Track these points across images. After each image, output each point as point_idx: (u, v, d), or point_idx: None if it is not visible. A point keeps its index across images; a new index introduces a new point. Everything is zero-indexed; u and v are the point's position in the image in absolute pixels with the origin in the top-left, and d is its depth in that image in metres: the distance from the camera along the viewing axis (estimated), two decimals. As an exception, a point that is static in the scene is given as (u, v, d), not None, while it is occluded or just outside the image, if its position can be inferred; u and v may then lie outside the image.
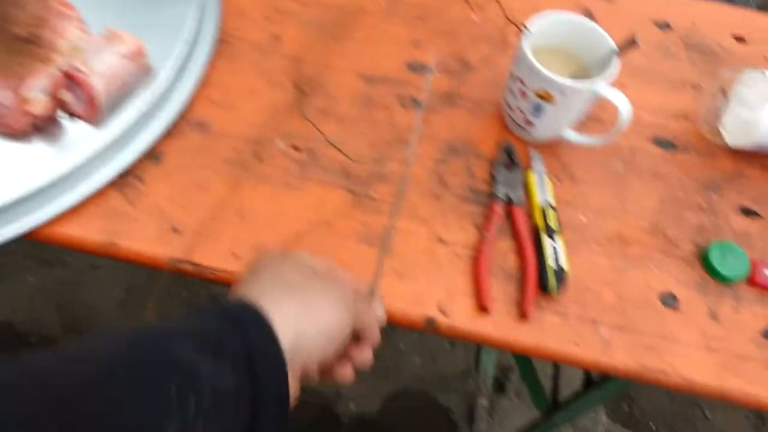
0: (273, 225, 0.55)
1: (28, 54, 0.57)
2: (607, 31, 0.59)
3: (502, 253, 0.56)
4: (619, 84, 0.68)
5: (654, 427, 1.29)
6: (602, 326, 0.53)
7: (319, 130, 0.61)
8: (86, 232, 0.53)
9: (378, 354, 0.45)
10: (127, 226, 0.54)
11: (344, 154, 0.60)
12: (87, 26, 0.61)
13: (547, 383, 1.26)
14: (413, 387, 1.27)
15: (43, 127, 0.56)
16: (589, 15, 0.75)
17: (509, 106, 0.61)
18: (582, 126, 0.65)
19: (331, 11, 0.71)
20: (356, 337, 0.44)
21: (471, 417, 1.24)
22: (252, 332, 0.36)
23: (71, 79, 0.55)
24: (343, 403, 1.22)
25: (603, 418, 1.27)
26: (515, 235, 0.57)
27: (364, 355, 0.45)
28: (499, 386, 1.28)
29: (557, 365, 1.14)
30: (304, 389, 0.41)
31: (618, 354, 0.52)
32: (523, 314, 0.52)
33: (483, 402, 1.25)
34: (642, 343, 0.53)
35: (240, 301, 0.38)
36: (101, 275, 1.32)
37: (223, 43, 0.67)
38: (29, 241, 0.53)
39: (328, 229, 0.56)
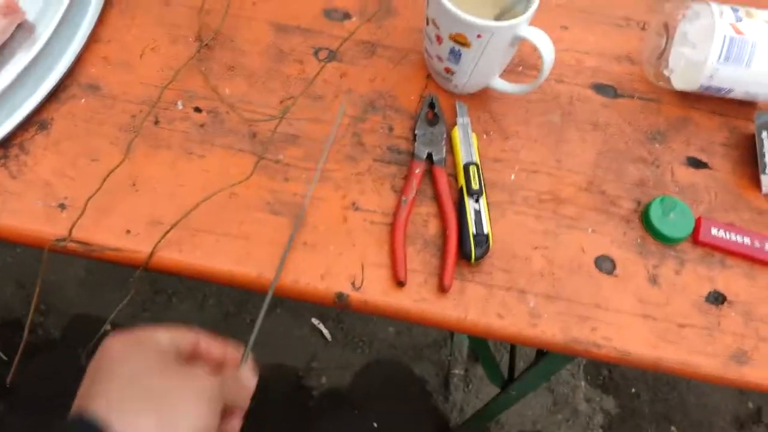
0: (171, 197, 0.50)
1: None
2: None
3: (422, 218, 0.52)
4: (559, 26, 0.62)
5: (635, 392, 1.27)
6: (530, 296, 0.49)
7: (217, 91, 0.55)
8: (-42, 210, 0.48)
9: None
10: (9, 202, 0.49)
11: (242, 116, 0.54)
12: (-42, -21, 0.55)
13: (506, 356, 1.24)
14: (386, 357, 1.23)
15: None
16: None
17: (428, 54, 0.56)
18: (513, 73, 0.59)
19: (243, -46, 0.64)
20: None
21: (446, 387, 1.22)
22: None
23: (-67, 41, 0.49)
24: (315, 377, 1.19)
25: (582, 384, 1.25)
26: (437, 199, 0.52)
27: (233, 427, 0.41)
28: (475, 355, 1.25)
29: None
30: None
31: (546, 326, 0.48)
32: (442, 286, 0.48)
33: (458, 371, 1.23)
34: (574, 313, 0.49)
35: (86, 422, 0.33)
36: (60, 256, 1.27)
37: (114, -4, 0.60)
38: None
39: (232, 199, 0.51)
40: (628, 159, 0.56)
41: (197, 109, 0.55)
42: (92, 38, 0.57)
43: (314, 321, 1.21)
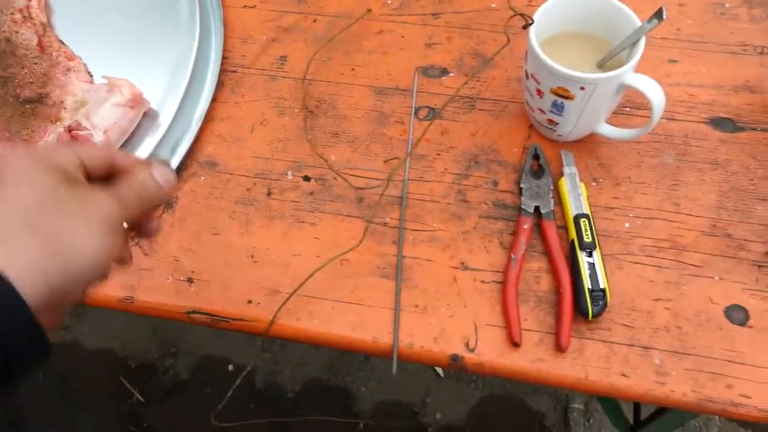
0: (286, 266, 0.53)
1: (36, 115, 0.57)
2: None
3: (533, 275, 0.51)
4: (666, 60, 0.60)
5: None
6: (655, 352, 0.47)
7: (324, 158, 0.57)
8: (105, 288, 0.53)
9: None
10: (144, 279, 0.53)
11: (349, 183, 0.56)
12: (91, 76, 0.61)
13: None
14: (501, 392, 1.21)
15: (55, 188, 0.56)
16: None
17: (530, 107, 0.55)
18: (621, 115, 0.57)
19: (339, 21, 0.66)
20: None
21: (566, 422, 1.17)
22: None
23: (74, 138, 0.55)
24: (430, 413, 1.19)
25: (716, 418, 1.17)
26: (547, 254, 0.51)
27: (150, 228, 0.41)
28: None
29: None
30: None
31: (675, 384, 0.46)
32: (560, 346, 0.47)
33: (577, 405, 1.18)
34: (705, 369, 0.46)
35: None
36: None
37: (228, 74, 0.64)
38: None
39: (343, 265, 0.52)
40: (755, 197, 0.52)
41: (306, 178, 0.57)
42: (207, 118, 0.61)
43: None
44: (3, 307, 0.30)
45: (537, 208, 0.53)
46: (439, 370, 1.21)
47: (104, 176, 0.38)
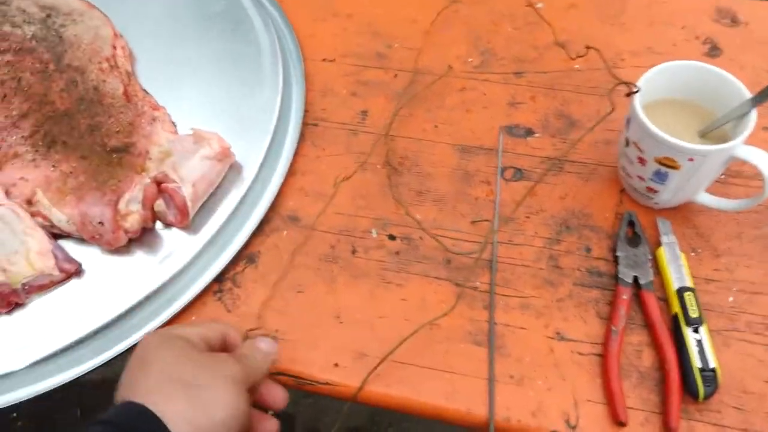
0: (372, 328, 0.51)
1: (123, 165, 0.57)
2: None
3: (634, 349, 0.49)
4: (761, 128, 0.59)
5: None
6: (770, 438, 0.44)
7: (412, 216, 0.56)
8: (185, 346, 0.52)
9: None
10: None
11: (441, 244, 0.55)
12: (175, 126, 0.61)
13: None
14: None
15: (141, 237, 0.55)
16: (714, 46, 0.65)
17: (626, 173, 0.54)
18: (717, 183, 0.56)
19: (420, 77, 0.66)
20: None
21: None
22: None
23: (163, 190, 0.55)
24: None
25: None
26: (649, 327, 0.49)
27: (277, 397, 0.46)
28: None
29: None
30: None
31: (794, 474, 0.43)
32: (668, 428, 0.44)
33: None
34: (824, 457, 0.44)
35: (130, 407, 0.37)
36: None
37: (309, 127, 0.64)
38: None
39: (433, 330, 0.51)
40: None
41: (391, 237, 0.56)
42: (290, 171, 0.61)
43: None
44: None
45: (635, 279, 0.51)
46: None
47: (219, 350, 0.45)
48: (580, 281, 0.52)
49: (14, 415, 1.29)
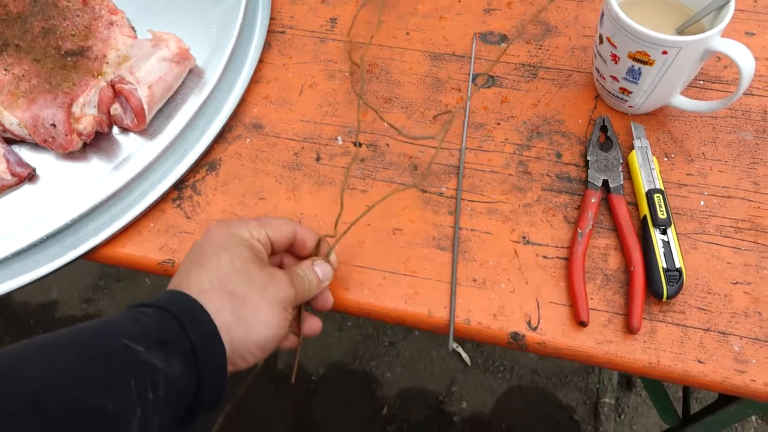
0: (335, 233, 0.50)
1: (78, 68, 0.55)
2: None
3: (600, 252, 0.48)
4: (744, 33, 0.56)
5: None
6: (733, 338, 0.44)
7: (383, 119, 0.54)
8: (144, 251, 0.50)
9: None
10: (185, 242, 0.51)
11: (402, 151, 0.53)
12: (134, 31, 0.59)
13: (677, 391, 1.13)
14: (529, 384, 1.18)
15: (97, 143, 0.53)
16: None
17: (600, 74, 0.52)
18: (694, 88, 0.54)
19: (393, -17, 0.63)
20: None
21: (596, 416, 1.14)
22: (196, 330, 0.37)
23: (118, 92, 0.52)
24: (455, 402, 1.16)
25: (753, 418, 1.13)
26: (617, 230, 0.48)
27: (313, 325, 0.46)
28: (627, 382, 1.16)
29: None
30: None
31: (756, 373, 0.42)
32: (630, 327, 0.44)
33: (608, 400, 1.15)
34: (787, 357, 0.43)
35: (185, 299, 0.38)
36: None
37: (275, 34, 0.61)
38: (90, 264, 0.51)
39: (396, 235, 0.49)
40: (841, 178, 0.49)
41: (357, 144, 0.54)
42: (254, 79, 0.58)
43: (453, 344, 1.19)
44: (209, 348, 0.37)
45: (605, 182, 0.49)
46: (466, 358, 1.18)
47: (284, 251, 0.45)
48: (549, 186, 0.51)
49: None
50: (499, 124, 0.54)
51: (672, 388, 1.13)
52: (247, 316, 0.38)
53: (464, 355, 1.18)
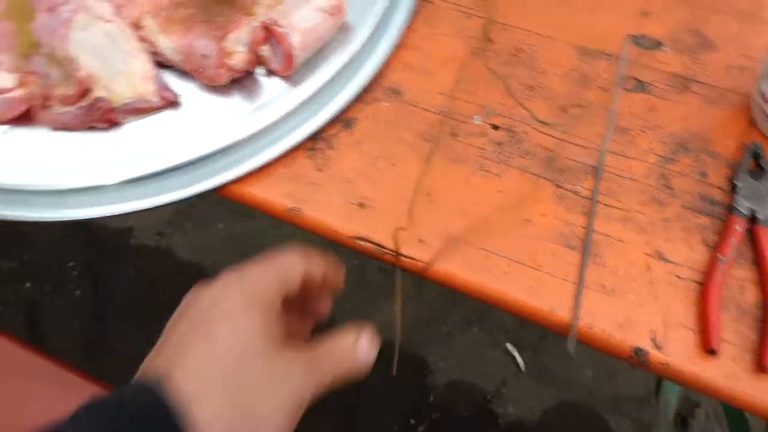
0: (464, 212, 0.49)
1: (232, 4, 0.55)
2: None
3: (738, 283, 0.46)
4: None
5: None
6: None
7: (525, 107, 0.53)
8: (273, 195, 0.51)
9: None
10: (314, 193, 0.51)
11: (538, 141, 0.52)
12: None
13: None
14: (581, 401, 1.15)
15: (241, 81, 0.54)
16: None
17: (765, 99, 0.49)
18: None
19: (550, -29, 0.62)
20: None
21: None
22: None
23: (270, 34, 0.53)
24: (503, 404, 1.15)
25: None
26: (759, 263, 0.46)
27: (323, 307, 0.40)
28: (682, 422, 1.13)
29: None
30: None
31: None
32: (761, 366, 0.42)
33: (658, 436, 1.12)
34: None
35: (154, 396, 0.29)
36: (283, 232, 1.33)
37: (423, 2, 0.61)
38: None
39: (525, 225, 0.49)
40: None
41: (494, 126, 0.53)
42: (398, 44, 0.58)
43: (509, 346, 1.18)
44: None
45: (752, 212, 0.47)
46: (521, 362, 1.17)
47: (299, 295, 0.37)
48: (690, 205, 0.49)
49: (71, 264, 1.34)
50: (644, 131, 0.52)
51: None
52: (251, 419, 0.31)
53: (519, 358, 1.17)
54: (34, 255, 1.36)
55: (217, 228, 1.35)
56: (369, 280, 1.30)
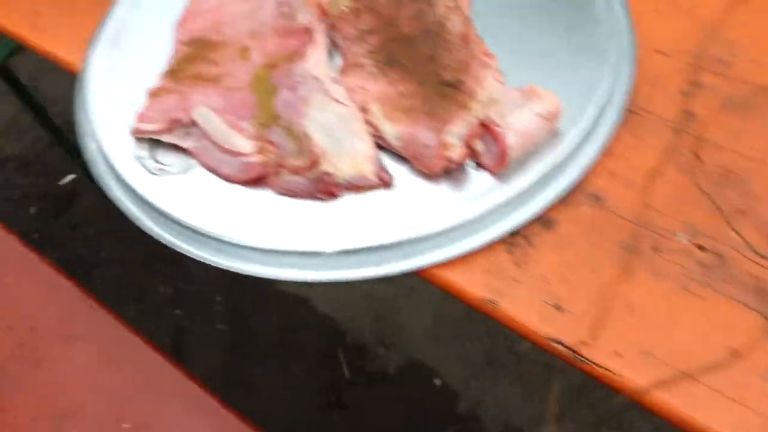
0: (666, 332, 0.49)
1: (451, 98, 0.59)
2: None
3: None
4: None
5: None
6: None
7: (738, 233, 0.52)
8: (470, 284, 0.53)
9: None
10: (510, 288, 0.52)
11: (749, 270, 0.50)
12: (503, 77, 0.62)
13: None
14: None
15: (451, 170, 0.57)
16: None
17: None
18: None
19: (763, 94, 0.61)
20: None
21: None
22: None
23: (487, 131, 0.56)
24: None
25: None
26: None
27: None
28: None
29: None
30: None
31: None
32: None
33: None
34: None
35: None
36: (416, 299, 1.39)
37: (629, 113, 0.62)
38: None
39: (736, 359, 0.47)
40: None
41: (700, 247, 0.53)
42: (603, 151, 0.59)
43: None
44: None
45: None
46: None
47: None
48: None
49: (219, 298, 1.44)
50: None
51: None
52: None
53: None
54: (188, 284, 1.47)
55: (360, 287, 1.40)
56: (497, 359, 1.29)
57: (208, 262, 0.57)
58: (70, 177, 1.66)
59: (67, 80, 0.73)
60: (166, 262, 1.50)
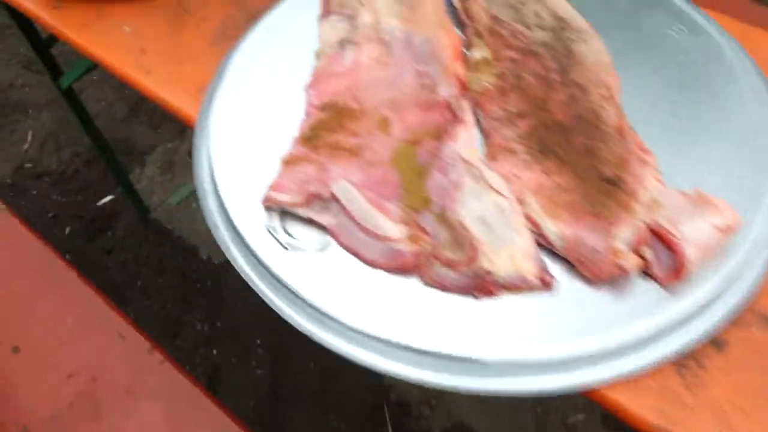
0: None
1: (613, 197, 0.56)
2: None
3: None
4: None
5: None
6: None
7: None
8: (638, 406, 0.49)
9: None
10: (682, 414, 0.48)
11: None
12: (662, 177, 0.59)
13: None
14: None
15: (616, 278, 0.53)
16: None
17: None
18: None
19: None
20: None
21: None
22: None
23: (658, 238, 0.52)
24: None
25: None
26: None
27: None
28: None
29: None
30: None
31: None
32: None
33: None
34: None
35: None
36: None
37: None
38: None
39: None
40: None
41: None
42: (768, 267, 0.56)
43: None
44: None
45: None
46: None
47: None
48: None
49: (258, 341, 1.39)
50: None
51: None
52: None
53: None
54: (227, 323, 1.41)
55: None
56: (549, 430, 1.24)
57: (351, 359, 0.52)
58: (108, 197, 1.61)
59: (111, 95, 0.69)
60: (206, 297, 1.45)
